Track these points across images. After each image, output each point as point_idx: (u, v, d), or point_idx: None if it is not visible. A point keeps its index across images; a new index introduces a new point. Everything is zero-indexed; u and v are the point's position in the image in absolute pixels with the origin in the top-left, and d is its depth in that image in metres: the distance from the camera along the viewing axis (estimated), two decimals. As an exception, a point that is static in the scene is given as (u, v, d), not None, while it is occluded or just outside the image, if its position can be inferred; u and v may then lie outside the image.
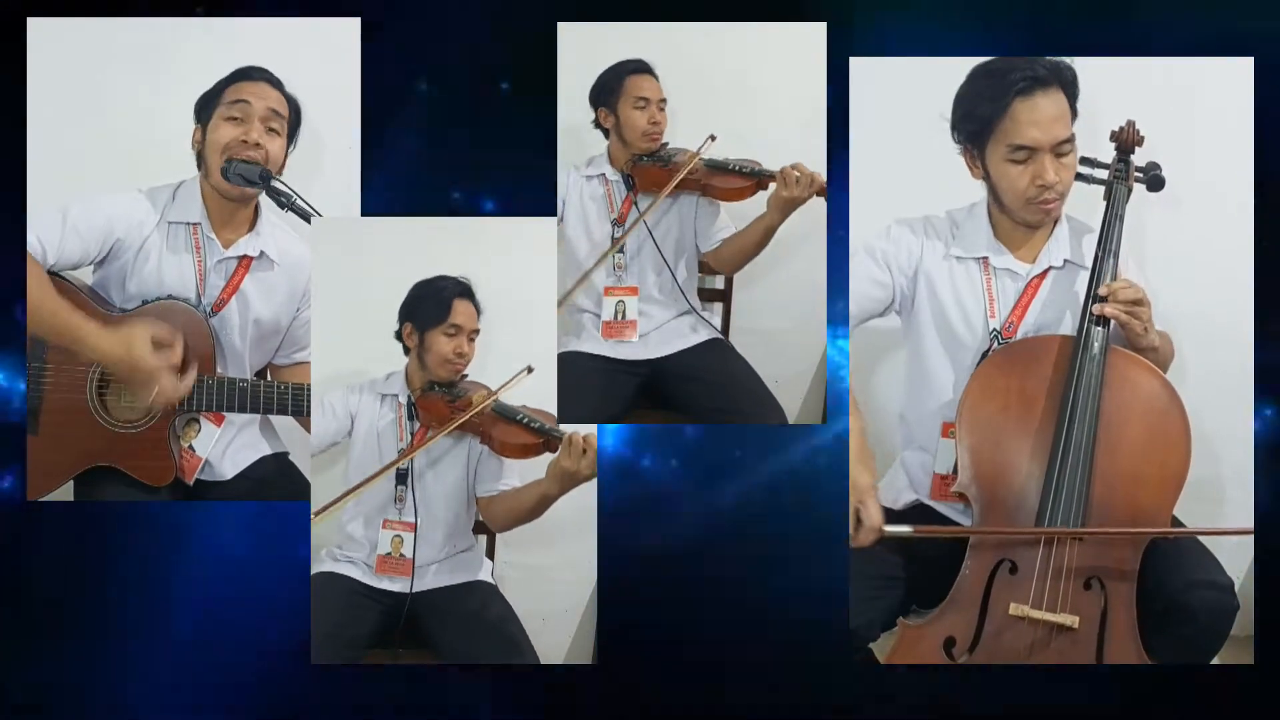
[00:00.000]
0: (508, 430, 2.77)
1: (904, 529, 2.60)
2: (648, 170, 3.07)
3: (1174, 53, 2.79)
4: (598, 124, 3.10)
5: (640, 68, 3.06)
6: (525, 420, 2.76)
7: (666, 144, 3.09)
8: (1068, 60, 2.62)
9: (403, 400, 2.86)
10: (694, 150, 3.07)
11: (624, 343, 3.11)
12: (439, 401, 2.82)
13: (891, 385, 2.99)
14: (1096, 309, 2.60)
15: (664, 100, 3.08)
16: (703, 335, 3.15)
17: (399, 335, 2.87)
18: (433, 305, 2.83)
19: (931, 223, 2.77)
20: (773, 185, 2.98)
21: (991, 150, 2.64)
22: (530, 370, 2.79)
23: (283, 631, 2.75)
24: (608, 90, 3.07)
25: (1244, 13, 2.77)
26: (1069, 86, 2.62)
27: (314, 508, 2.79)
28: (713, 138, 3.06)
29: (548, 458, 2.73)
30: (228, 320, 2.83)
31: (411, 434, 2.85)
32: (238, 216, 2.83)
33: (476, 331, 2.85)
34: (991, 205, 2.73)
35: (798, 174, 2.92)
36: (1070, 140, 2.63)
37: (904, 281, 2.76)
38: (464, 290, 2.84)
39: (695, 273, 3.16)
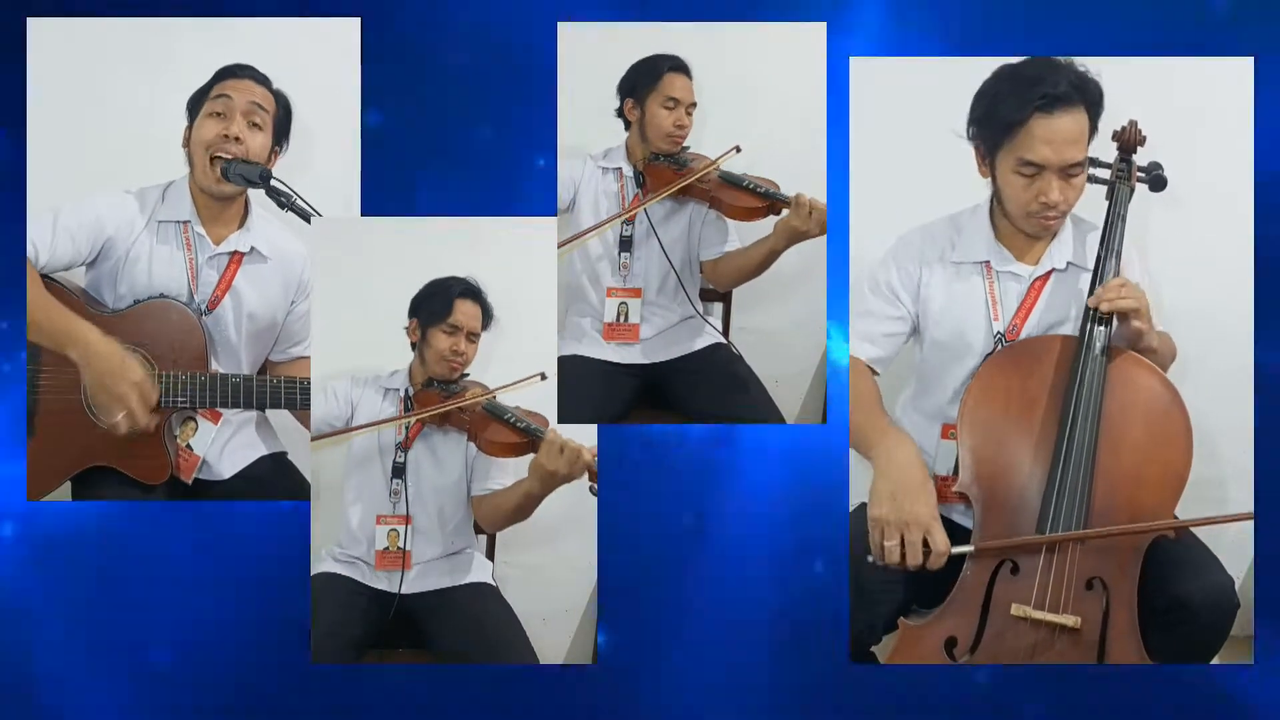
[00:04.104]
0: (494, 429, 2.79)
1: (968, 548, 2.58)
2: (661, 171, 3.02)
3: (1174, 53, 2.79)
4: (621, 114, 3.04)
5: (678, 65, 3.00)
6: (512, 420, 2.78)
7: (687, 148, 3.03)
8: (1094, 74, 2.61)
9: (403, 394, 2.87)
10: (711, 159, 3.00)
11: (626, 346, 3.08)
12: (435, 396, 2.84)
13: (892, 386, 2.99)
14: (1092, 301, 2.60)
15: (694, 104, 3.02)
16: (705, 340, 3.12)
17: (407, 329, 2.88)
18: (436, 302, 2.85)
19: (930, 233, 2.76)
20: (785, 210, 2.91)
21: (1002, 157, 2.63)
22: (543, 377, 2.80)
23: (283, 631, 2.75)
24: (641, 83, 3.01)
25: (1244, 13, 2.77)
26: (1093, 105, 2.60)
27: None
28: (738, 149, 2.99)
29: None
30: (222, 317, 2.83)
31: (408, 428, 2.86)
32: (227, 212, 2.83)
33: (477, 334, 2.86)
34: (995, 207, 2.73)
35: (811, 207, 2.85)
36: (1081, 164, 2.61)
37: (910, 301, 2.74)
38: (470, 291, 2.85)
39: (698, 274, 3.13)
